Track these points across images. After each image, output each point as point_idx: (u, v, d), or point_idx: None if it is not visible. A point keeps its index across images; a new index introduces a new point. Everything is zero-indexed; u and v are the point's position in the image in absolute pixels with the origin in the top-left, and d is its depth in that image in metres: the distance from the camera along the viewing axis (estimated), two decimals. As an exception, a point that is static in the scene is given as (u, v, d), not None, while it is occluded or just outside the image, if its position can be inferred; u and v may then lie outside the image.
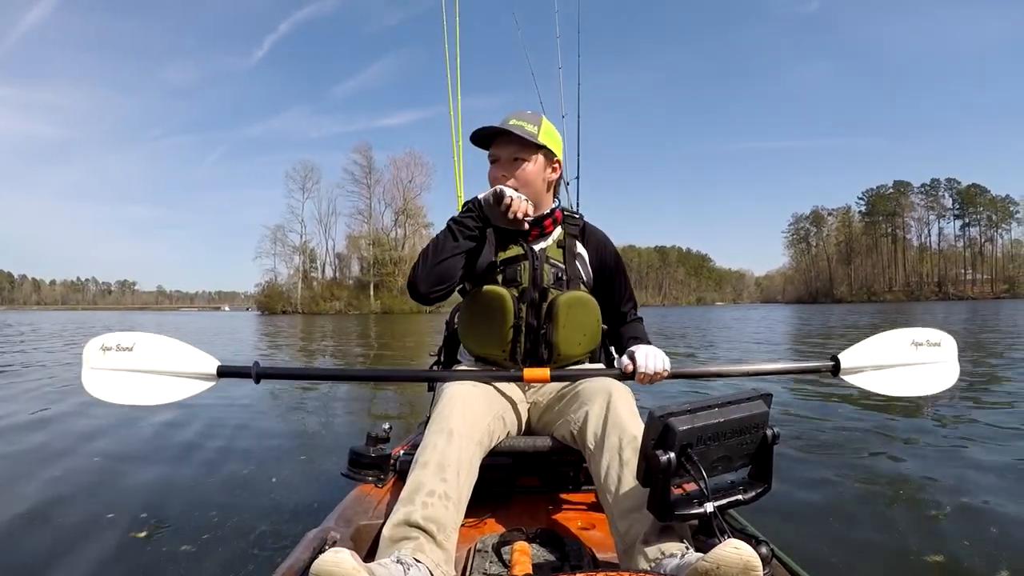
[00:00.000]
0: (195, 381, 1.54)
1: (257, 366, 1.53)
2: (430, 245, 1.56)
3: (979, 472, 2.78)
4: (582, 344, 1.63)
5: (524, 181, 1.57)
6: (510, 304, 1.56)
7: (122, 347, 1.52)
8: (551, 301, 1.57)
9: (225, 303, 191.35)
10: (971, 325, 16.39)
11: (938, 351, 1.76)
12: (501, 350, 1.60)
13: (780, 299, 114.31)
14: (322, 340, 15.77)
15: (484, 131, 1.59)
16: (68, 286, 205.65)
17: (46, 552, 2.09)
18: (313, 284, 69.21)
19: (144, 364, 1.51)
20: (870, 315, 27.74)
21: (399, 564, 1.02)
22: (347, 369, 1.51)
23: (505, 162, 1.58)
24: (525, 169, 1.57)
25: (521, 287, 1.59)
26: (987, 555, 1.91)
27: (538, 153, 1.59)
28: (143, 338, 1.55)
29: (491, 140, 1.61)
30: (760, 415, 1.08)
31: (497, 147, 1.60)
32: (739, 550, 0.87)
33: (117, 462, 3.29)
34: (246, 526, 2.30)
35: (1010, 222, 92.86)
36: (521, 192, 1.54)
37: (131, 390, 1.50)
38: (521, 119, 1.58)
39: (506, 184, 1.54)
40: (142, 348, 1.53)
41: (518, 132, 1.54)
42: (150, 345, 1.54)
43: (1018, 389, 5.26)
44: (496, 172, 1.59)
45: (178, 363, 1.53)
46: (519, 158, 1.57)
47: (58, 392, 5.91)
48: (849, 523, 2.19)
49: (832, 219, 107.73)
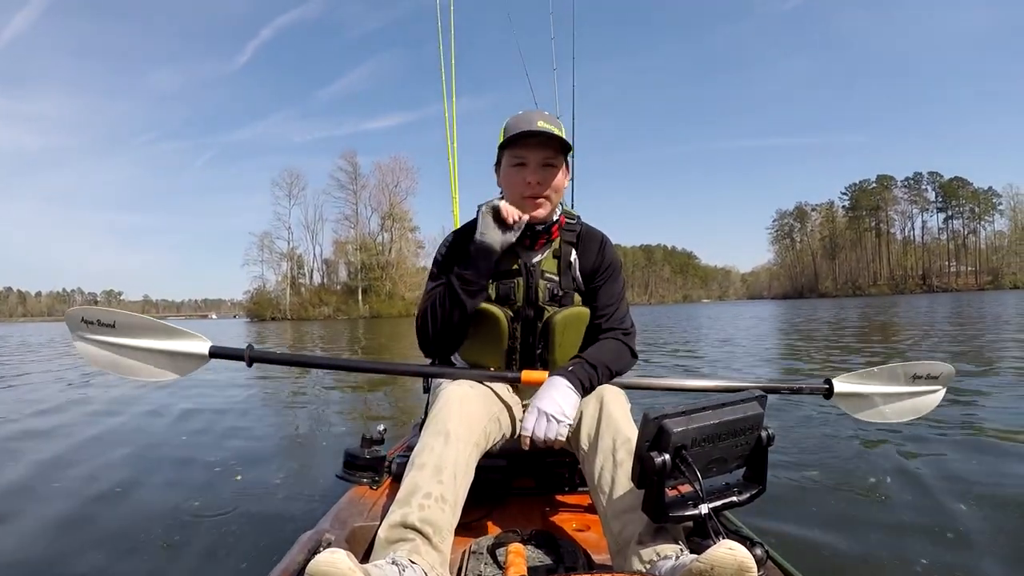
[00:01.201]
0: (186, 360, 1.51)
1: (251, 349, 1.51)
2: (434, 305, 1.48)
3: (975, 471, 2.79)
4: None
5: (556, 187, 1.48)
6: (504, 325, 1.53)
7: (103, 323, 1.49)
8: (547, 320, 1.54)
9: (212, 311, 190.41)
10: (954, 317, 16.58)
11: (934, 383, 1.77)
12: (495, 369, 1.57)
13: (766, 295, 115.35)
14: (313, 349, 15.62)
15: (528, 138, 1.44)
16: (54, 297, 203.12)
17: (40, 553, 2.08)
18: (301, 290, 69.39)
19: (130, 341, 1.48)
20: (855, 309, 27.99)
21: (394, 566, 1.01)
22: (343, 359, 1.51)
23: (535, 167, 1.46)
24: (556, 174, 1.48)
25: (515, 305, 1.54)
26: (983, 555, 1.92)
27: (564, 158, 1.50)
28: (123, 316, 1.51)
29: (518, 142, 1.46)
30: (755, 417, 1.09)
31: (527, 149, 1.46)
32: (733, 551, 0.87)
33: (110, 464, 3.27)
34: (240, 528, 2.29)
35: (993, 214, 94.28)
36: (552, 199, 1.49)
37: (121, 364, 1.47)
38: (548, 122, 1.45)
39: (540, 190, 1.46)
40: (124, 325, 1.50)
41: (556, 134, 1.43)
42: (132, 323, 1.51)
43: (1010, 385, 5.32)
44: (525, 177, 1.46)
45: (167, 343, 1.51)
46: (552, 163, 1.47)
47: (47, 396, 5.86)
48: (843, 524, 2.19)
49: (816, 214, 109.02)
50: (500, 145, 1.52)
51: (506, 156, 1.50)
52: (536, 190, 1.47)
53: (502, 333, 1.53)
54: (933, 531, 2.11)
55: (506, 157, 1.50)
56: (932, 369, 1.76)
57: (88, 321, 1.48)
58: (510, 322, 1.53)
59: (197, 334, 1.56)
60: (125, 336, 1.49)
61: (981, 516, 2.22)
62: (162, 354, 1.51)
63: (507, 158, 1.50)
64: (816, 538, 2.08)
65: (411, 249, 69.40)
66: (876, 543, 2.04)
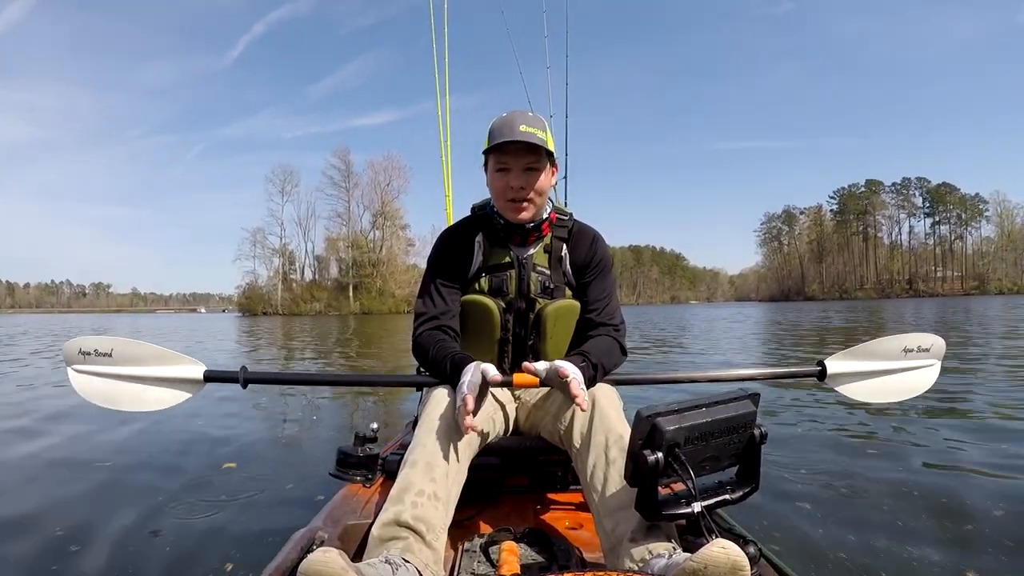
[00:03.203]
0: (181, 388, 1.52)
1: (245, 371, 1.51)
2: (424, 356, 1.51)
3: (970, 467, 2.83)
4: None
5: (539, 191, 1.52)
6: (497, 316, 1.56)
7: (100, 352, 1.50)
8: (538, 312, 1.57)
9: (200, 305, 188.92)
10: (939, 321, 16.74)
11: (926, 355, 1.75)
12: (488, 360, 1.57)
13: (754, 297, 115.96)
14: (302, 351, 15.55)
15: (509, 144, 1.47)
16: (42, 289, 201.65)
17: (36, 555, 2.06)
18: (293, 286, 69.31)
19: (126, 370, 1.49)
20: (841, 312, 28.21)
21: (387, 564, 1.01)
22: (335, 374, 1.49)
23: (518, 172, 1.49)
24: (540, 178, 1.51)
25: (508, 297, 1.58)
26: (978, 554, 1.94)
27: (547, 160, 1.53)
28: (121, 344, 1.52)
29: (500, 146, 1.48)
30: (747, 415, 1.10)
31: (509, 156, 1.49)
32: (726, 550, 0.88)
33: (104, 465, 3.23)
34: (233, 526, 2.28)
35: (980, 220, 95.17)
36: (536, 201, 1.52)
37: (117, 396, 1.47)
38: (531, 125, 1.47)
39: (524, 194, 1.50)
40: (121, 354, 1.51)
41: (535, 142, 1.46)
42: (129, 351, 1.52)
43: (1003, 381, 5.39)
44: (509, 182, 1.50)
45: (162, 369, 1.51)
46: (534, 168, 1.50)
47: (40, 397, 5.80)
48: (836, 521, 2.21)
49: (804, 218, 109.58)
50: (484, 151, 1.55)
51: (491, 161, 1.54)
52: (519, 194, 1.50)
53: (494, 324, 1.56)
54: (928, 528, 2.13)
55: (491, 162, 1.54)
56: (923, 341, 1.75)
57: (86, 352, 1.49)
58: (502, 313, 1.57)
59: (192, 359, 1.56)
60: (122, 365, 1.50)
61: (976, 511, 2.24)
62: (158, 381, 1.51)
63: (491, 163, 1.54)
64: (809, 535, 2.10)
65: (401, 247, 69.59)
66: (869, 539, 2.06)
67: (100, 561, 2.00)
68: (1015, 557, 1.90)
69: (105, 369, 1.49)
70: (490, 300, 1.56)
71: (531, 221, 1.57)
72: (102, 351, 1.50)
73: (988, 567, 1.85)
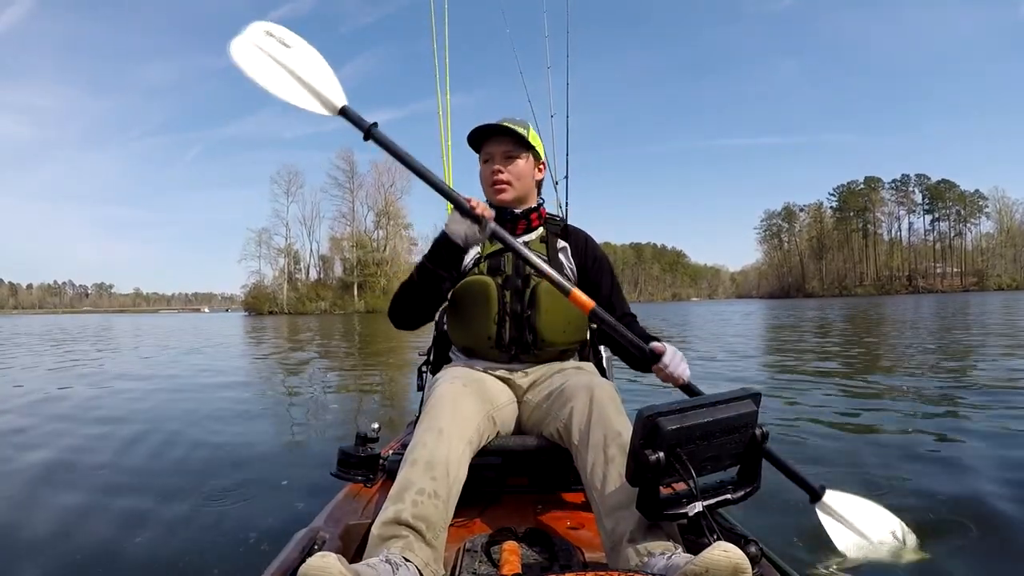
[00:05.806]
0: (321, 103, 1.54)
1: (375, 126, 1.54)
2: (402, 286, 1.64)
3: (969, 466, 2.81)
4: (566, 332, 1.67)
5: (517, 175, 1.68)
6: (494, 292, 1.62)
7: (284, 42, 1.56)
8: (534, 288, 1.62)
9: (203, 304, 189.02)
10: (937, 317, 16.72)
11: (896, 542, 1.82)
12: (487, 337, 1.63)
13: (755, 294, 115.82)
14: (311, 346, 15.55)
15: (483, 128, 1.67)
16: (45, 289, 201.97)
17: (36, 555, 2.06)
18: (298, 285, 69.72)
19: (290, 63, 1.53)
20: (841, 309, 28.18)
21: (387, 564, 1.01)
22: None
23: (499, 159, 1.68)
24: (518, 164, 1.68)
25: (505, 275, 1.65)
26: (977, 553, 1.94)
27: (528, 152, 1.70)
28: (302, 45, 1.58)
29: (483, 142, 1.70)
30: (749, 414, 1.09)
31: (491, 145, 1.69)
32: (728, 553, 0.88)
33: (105, 465, 3.24)
34: (235, 526, 2.28)
35: (979, 216, 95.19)
36: (515, 185, 1.68)
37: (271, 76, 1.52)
38: (512, 122, 1.67)
39: (501, 177, 1.67)
40: (297, 51, 1.56)
41: (511, 127, 1.64)
42: (305, 54, 1.57)
43: (998, 378, 5.39)
44: (490, 167, 1.68)
45: (318, 79, 1.54)
46: (512, 155, 1.68)
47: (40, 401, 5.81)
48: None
49: (804, 215, 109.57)
50: (468, 142, 1.73)
51: (479, 159, 1.74)
52: (499, 176, 1.67)
53: (492, 301, 1.62)
54: (933, 527, 2.12)
55: (480, 160, 1.74)
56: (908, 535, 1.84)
57: (271, 34, 1.56)
58: (499, 289, 1.62)
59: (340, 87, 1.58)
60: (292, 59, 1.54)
61: (978, 515, 2.23)
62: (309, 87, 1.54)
63: (480, 160, 1.74)
64: (811, 535, 2.09)
65: (405, 246, 69.89)
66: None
67: (100, 561, 2.00)
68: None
69: (277, 54, 1.53)
70: (488, 278, 1.64)
71: (515, 206, 1.71)
72: (286, 42, 1.55)
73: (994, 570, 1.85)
